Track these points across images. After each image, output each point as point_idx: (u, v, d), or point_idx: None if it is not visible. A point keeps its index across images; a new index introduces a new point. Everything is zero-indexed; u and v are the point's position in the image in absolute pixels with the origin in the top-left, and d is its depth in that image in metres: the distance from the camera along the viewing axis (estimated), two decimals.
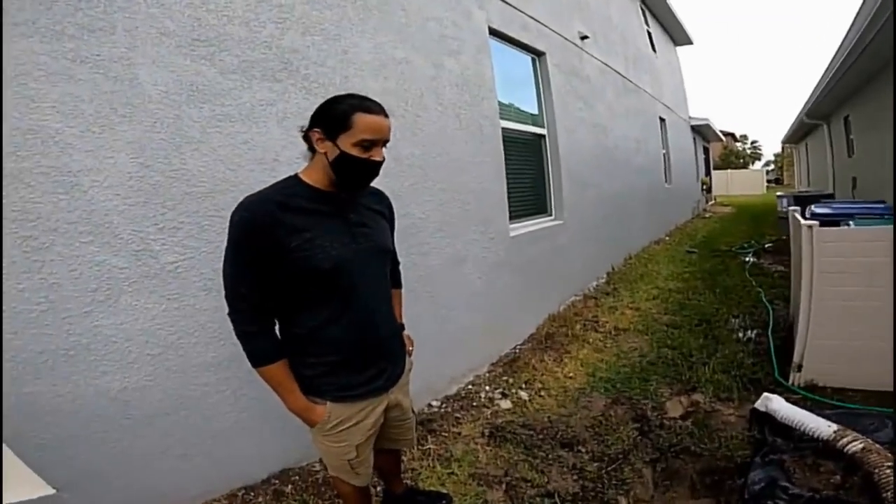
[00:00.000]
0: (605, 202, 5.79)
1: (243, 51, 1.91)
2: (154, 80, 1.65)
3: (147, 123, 1.62)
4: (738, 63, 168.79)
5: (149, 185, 1.64)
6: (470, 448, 2.35)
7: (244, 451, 1.98)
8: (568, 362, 3.34)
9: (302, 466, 2.15)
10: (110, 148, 1.55)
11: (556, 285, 4.45)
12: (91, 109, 1.51)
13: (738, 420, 2.47)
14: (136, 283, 1.65)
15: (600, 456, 2.22)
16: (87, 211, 1.52)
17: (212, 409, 1.87)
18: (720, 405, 2.64)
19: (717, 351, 3.31)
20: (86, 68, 1.49)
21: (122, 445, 1.65)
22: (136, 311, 1.65)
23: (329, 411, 1.28)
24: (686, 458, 2.19)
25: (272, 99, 2.00)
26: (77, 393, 1.54)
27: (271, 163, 1.99)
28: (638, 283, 5.50)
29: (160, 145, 1.66)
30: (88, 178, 1.51)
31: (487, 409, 2.76)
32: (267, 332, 1.22)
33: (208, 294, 1.80)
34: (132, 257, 1.62)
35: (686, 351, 3.39)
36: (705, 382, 2.86)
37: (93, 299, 1.56)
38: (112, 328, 1.60)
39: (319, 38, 2.21)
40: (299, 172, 1.25)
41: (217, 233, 1.78)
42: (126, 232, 1.60)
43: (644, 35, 9.27)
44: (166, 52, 1.68)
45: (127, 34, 1.57)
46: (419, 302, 2.66)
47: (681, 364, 3.17)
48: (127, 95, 1.58)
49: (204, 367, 1.83)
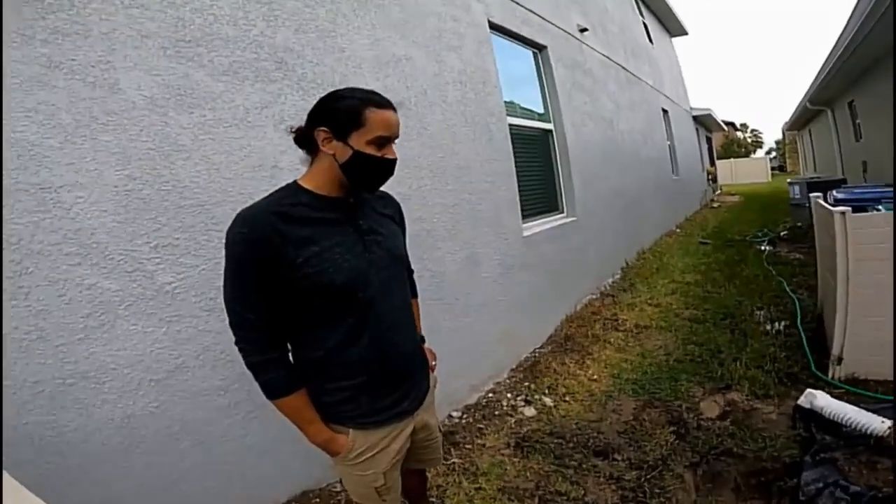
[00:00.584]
0: (615, 197, 5.66)
1: (233, 51, 1.80)
2: (136, 84, 1.53)
3: (132, 131, 1.50)
4: (732, 53, 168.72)
5: (137, 198, 1.52)
6: (496, 460, 2.21)
7: (262, 474, 1.87)
8: (591, 364, 3.19)
9: (322, 487, 2.03)
10: (93, 159, 1.43)
11: (572, 284, 4.30)
12: (69, 118, 1.40)
13: (780, 418, 2.32)
14: (132, 306, 1.53)
15: (638, 463, 2.07)
16: (73, 230, 1.40)
17: (224, 433, 1.76)
18: (759, 403, 2.48)
19: (747, 345, 3.15)
20: (61, 74, 1.38)
21: (134, 473, 1.56)
22: (134, 337, 1.54)
23: (353, 440, 1.15)
24: (729, 460, 2.05)
25: (267, 101, 1.88)
26: (80, 422, 1.45)
27: (270, 169, 1.87)
28: (654, 277, 5.33)
29: (147, 155, 1.54)
30: (71, 193, 1.39)
31: (511, 417, 2.61)
32: (281, 361, 1.09)
33: (211, 314, 1.68)
34: (125, 278, 1.50)
35: (713, 347, 3.23)
36: (739, 379, 2.71)
37: (86, 325, 1.45)
38: (109, 355, 1.50)
39: (314, 36, 2.10)
40: (298, 179, 1.12)
41: (216, 248, 1.66)
42: (116, 252, 1.48)
43: (640, 26, 9.18)
44: (148, 54, 1.56)
45: (104, 37, 1.46)
46: (434, 310, 2.53)
47: (710, 361, 3.02)
48: (107, 102, 1.46)
49: (213, 390, 1.72)
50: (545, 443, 2.28)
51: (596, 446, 2.21)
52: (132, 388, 1.54)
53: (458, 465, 2.19)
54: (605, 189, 5.30)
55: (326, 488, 2.04)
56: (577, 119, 4.76)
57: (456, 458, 2.23)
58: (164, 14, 1.60)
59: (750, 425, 2.25)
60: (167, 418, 1.62)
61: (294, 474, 1.96)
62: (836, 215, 2.51)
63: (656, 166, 8.10)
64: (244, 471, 1.82)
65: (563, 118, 4.41)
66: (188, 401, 1.67)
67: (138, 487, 1.56)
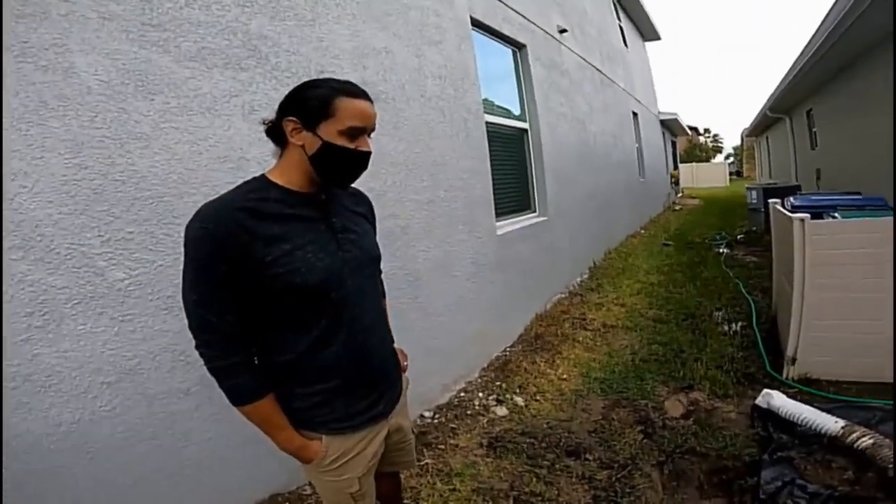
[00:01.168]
0: (586, 197, 5.76)
1: (203, 36, 1.68)
2: (94, 69, 1.41)
3: (85, 118, 1.39)
4: (700, 57, 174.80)
5: (88, 189, 1.40)
6: (470, 461, 2.20)
7: (227, 479, 1.79)
8: (560, 363, 3.23)
9: (292, 490, 1.98)
10: (40, 147, 1.31)
11: (543, 284, 4.35)
12: (16, 103, 1.27)
13: (739, 417, 2.41)
14: (81, 304, 1.41)
15: (608, 463, 2.11)
16: (15, 222, 1.28)
17: (185, 437, 1.68)
18: (719, 402, 2.57)
19: (707, 346, 3.27)
20: (10, 56, 1.25)
21: (88, 479, 1.47)
22: (82, 337, 1.43)
23: (326, 446, 1.10)
24: (693, 458, 2.11)
25: (237, 89, 1.78)
26: (26, 427, 1.36)
27: (237, 161, 1.77)
28: (620, 277, 5.46)
29: (101, 143, 1.42)
30: (15, 182, 1.27)
31: (483, 417, 2.61)
32: (246, 365, 1.02)
33: (169, 313, 1.58)
34: (72, 275, 1.39)
35: (676, 347, 3.33)
36: (700, 379, 2.80)
37: (29, 325, 1.34)
38: (55, 356, 1.39)
39: (292, 24, 2.00)
40: (266, 172, 1.05)
41: (175, 242, 1.56)
42: (62, 246, 1.36)
43: (617, 29, 9.36)
44: (109, 37, 1.45)
45: (62, 18, 1.34)
46: (407, 309, 2.49)
47: (673, 360, 3.11)
48: (60, 86, 1.34)
49: (172, 393, 1.63)
50: (518, 443, 2.28)
51: (568, 446, 2.23)
52: (81, 391, 1.44)
53: (432, 465, 2.16)
54: (577, 190, 5.38)
55: (296, 491, 1.98)
56: (553, 119, 4.81)
57: (429, 459, 2.20)
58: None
59: (712, 424, 2.33)
60: (122, 422, 1.53)
61: (262, 477, 1.89)
62: (795, 221, 2.61)
63: (625, 168, 8.31)
64: (209, 475, 1.74)
65: (539, 118, 4.43)
66: (145, 404, 1.58)
67: (92, 493, 1.48)
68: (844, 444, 1.94)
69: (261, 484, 1.90)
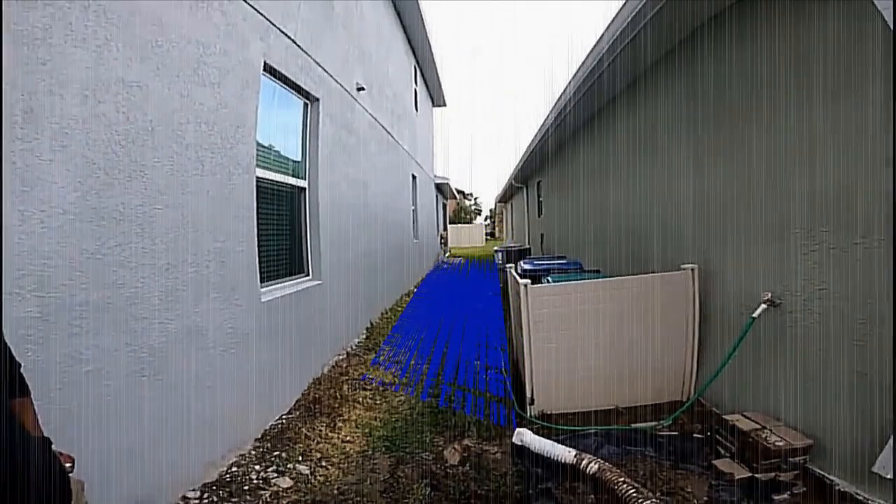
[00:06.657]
0: (363, 259, 5.84)
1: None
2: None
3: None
4: (471, 124, 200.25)
5: None
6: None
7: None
8: (342, 426, 3.06)
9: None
10: None
11: (318, 347, 4.12)
12: None
13: (503, 457, 2.72)
14: None
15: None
16: None
17: None
18: (486, 445, 2.86)
19: (471, 393, 3.66)
20: None
21: None
22: None
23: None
24: (476, 502, 2.25)
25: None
26: None
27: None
28: (396, 336, 5.70)
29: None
30: None
31: (265, 490, 2.24)
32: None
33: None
34: None
35: (446, 397, 3.61)
36: (468, 426, 3.08)
37: None
38: None
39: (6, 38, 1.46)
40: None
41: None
42: None
43: (412, 94, 10.24)
44: None
45: None
46: (139, 387, 2.00)
47: (445, 411, 3.35)
48: None
49: None
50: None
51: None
52: None
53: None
54: (353, 251, 5.38)
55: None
56: (335, 179, 4.77)
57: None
58: None
59: (484, 466, 2.56)
60: None
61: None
62: (521, 287, 3.30)
63: (401, 229, 8.86)
64: None
65: (320, 177, 4.32)
66: None
67: None
68: (579, 470, 2.31)
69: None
